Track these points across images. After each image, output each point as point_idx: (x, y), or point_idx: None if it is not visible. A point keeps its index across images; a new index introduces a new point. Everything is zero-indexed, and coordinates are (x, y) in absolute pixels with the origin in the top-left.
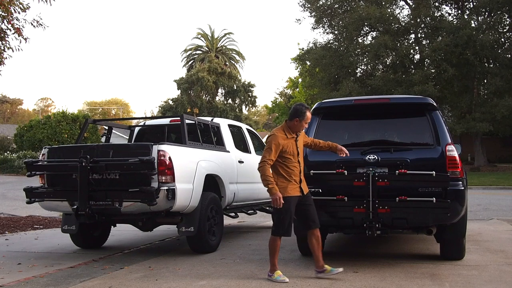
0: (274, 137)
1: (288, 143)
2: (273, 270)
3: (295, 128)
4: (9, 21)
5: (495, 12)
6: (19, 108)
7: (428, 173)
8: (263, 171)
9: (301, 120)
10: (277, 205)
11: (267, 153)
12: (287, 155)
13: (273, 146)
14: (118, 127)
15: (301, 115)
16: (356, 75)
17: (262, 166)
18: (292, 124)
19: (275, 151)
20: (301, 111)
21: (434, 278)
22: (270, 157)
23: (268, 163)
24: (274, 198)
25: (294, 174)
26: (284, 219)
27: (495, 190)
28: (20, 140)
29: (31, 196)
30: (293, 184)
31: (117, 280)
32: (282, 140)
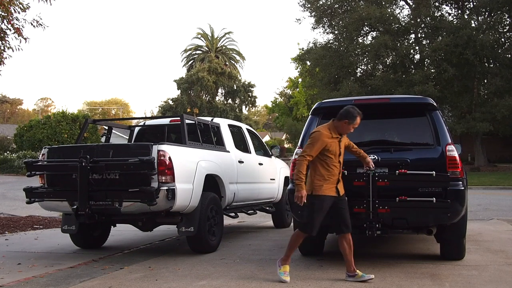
0: (319, 134)
1: (332, 142)
2: (284, 262)
3: (341, 129)
4: (9, 21)
5: (495, 12)
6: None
7: (428, 173)
8: (298, 166)
9: (349, 123)
10: (299, 202)
11: (309, 149)
12: (329, 153)
13: (316, 142)
14: (118, 127)
15: (351, 118)
16: (356, 75)
17: (300, 161)
18: (339, 124)
19: (318, 148)
20: (352, 114)
21: (434, 278)
22: (311, 153)
23: (307, 158)
24: (297, 195)
25: (333, 173)
26: (315, 218)
27: (495, 190)
28: (20, 140)
29: (31, 196)
30: (330, 183)
31: (117, 280)
32: (326, 138)
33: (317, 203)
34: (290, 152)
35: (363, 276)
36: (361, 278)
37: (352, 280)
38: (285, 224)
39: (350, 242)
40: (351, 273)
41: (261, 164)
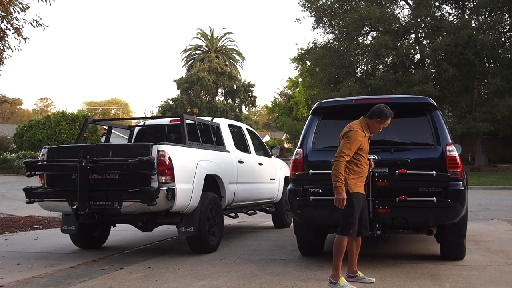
0: (356, 133)
1: (365, 141)
2: (337, 276)
3: (373, 128)
4: (9, 21)
5: (496, 12)
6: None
7: (428, 173)
8: (337, 166)
9: (381, 122)
10: (340, 205)
11: (347, 148)
12: (362, 152)
13: (354, 141)
14: (118, 127)
15: (384, 117)
16: (356, 75)
17: (338, 161)
18: (371, 122)
19: (355, 147)
20: (386, 114)
21: (434, 279)
22: (349, 153)
23: (345, 158)
24: (338, 198)
25: (364, 172)
26: (355, 217)
27: (496, 190)
28: (19, 140)
29: (31, 196)
30: (361, 182)
31: (116, 281)
32: (361, 137)
33: (356, 201)
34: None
35: (364, 278)
36: (362, 280)
37: (352, 281)
38: (285, 224)
39: (360, 243)
40: (352, 274)
41: (261, 164)
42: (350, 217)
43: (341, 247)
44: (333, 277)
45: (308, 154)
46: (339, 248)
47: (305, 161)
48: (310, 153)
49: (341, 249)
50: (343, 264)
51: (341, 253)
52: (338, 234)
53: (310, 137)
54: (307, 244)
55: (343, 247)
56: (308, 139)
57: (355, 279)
